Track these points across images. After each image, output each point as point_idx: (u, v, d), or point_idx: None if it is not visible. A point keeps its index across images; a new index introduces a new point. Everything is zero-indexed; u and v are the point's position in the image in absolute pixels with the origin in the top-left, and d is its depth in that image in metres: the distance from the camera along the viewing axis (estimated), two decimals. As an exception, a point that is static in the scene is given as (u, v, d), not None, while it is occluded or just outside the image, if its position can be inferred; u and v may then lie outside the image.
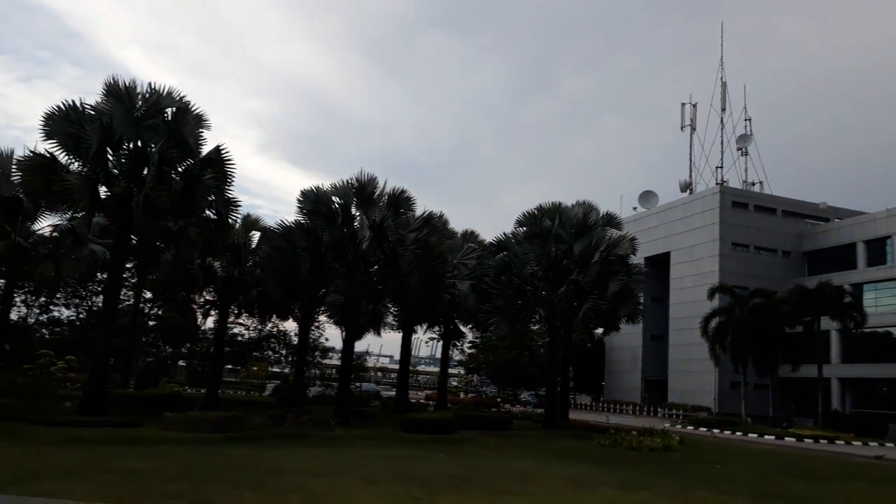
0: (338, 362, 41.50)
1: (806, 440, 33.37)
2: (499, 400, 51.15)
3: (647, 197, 66.53)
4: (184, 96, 20.19)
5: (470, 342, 58.42)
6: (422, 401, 46.07)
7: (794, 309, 43.59)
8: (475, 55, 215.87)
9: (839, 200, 78.40)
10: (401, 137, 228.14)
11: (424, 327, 36.07)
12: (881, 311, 47.54)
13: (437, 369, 46.54)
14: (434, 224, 28.71)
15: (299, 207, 26.13)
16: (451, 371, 68.23)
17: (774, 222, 57.66)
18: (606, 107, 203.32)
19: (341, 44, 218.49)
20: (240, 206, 21.89)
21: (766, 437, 34.48)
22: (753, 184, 62.42)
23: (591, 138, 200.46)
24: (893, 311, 47.47)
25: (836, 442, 33.24)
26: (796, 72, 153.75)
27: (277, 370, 56.60)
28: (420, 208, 27.67)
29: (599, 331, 48.42)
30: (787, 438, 33.95)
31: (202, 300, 33.46)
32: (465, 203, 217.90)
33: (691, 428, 39.13)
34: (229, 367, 52.05)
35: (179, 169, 20.38)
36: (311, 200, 25.88)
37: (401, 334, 34.36)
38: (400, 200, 26.70)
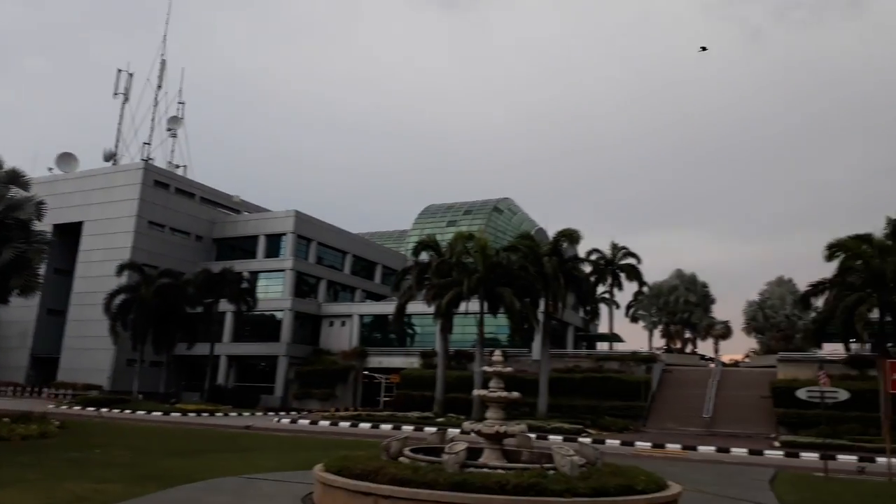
0: None
1: (190, 414, 36.24)
2: None
3: (66, 159, 60.80)
4: None
5: None
6: None
7: (199, 291, 47.07)
8: None
9: (251, 196, 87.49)
10: None
11: None
12: (270, 296, 55.40)
13: None
14: None
15: None
16: None
17: (192, 207, 60.43)
18: (36, 48, 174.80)
19: None
20: None
21: (155, 413, 35.94)
22: (178, 166, 64.03)
23: (12, 79, 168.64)
24: (278, 296, 55.88)
25: (216, 414, 37.22)
26: (253, 70, 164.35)
27: None
28: None
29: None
30: (173, 414, 36.13)
31: None
32: None
33: (78, 408, 37.69)
34: None
35: None
36: None
37: None
38: None
